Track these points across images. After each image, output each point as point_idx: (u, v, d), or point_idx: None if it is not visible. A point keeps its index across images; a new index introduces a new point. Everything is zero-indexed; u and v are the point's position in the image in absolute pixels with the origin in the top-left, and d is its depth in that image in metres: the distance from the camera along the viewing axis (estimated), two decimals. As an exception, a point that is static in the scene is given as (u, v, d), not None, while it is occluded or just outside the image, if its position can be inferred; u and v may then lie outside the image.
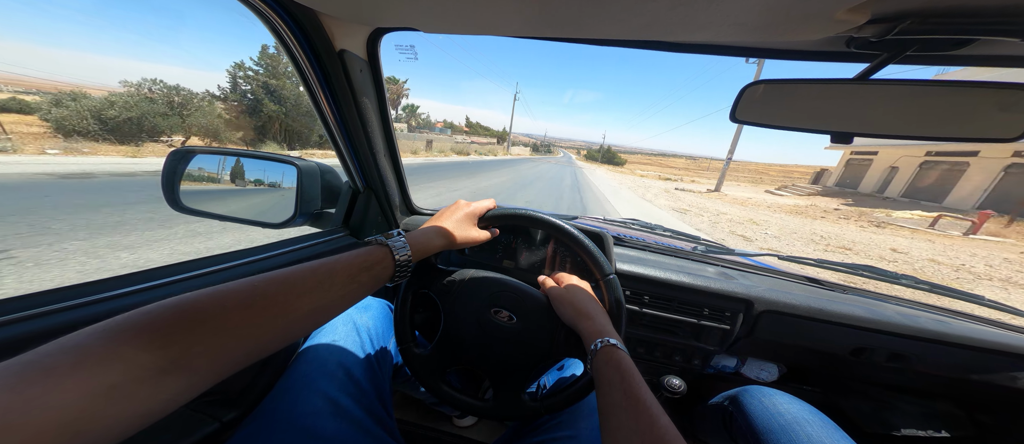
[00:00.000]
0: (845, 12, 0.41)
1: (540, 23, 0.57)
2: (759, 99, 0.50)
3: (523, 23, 0.58)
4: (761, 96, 0.50)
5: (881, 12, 0.41)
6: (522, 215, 0.77)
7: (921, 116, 0.44)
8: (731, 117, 0.53)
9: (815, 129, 0.49)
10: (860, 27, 0.42)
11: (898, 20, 0.41)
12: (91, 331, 0.28)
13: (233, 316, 0.35)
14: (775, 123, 0.51)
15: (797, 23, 0.44)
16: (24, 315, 0.45)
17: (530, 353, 0.71)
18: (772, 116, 0.51)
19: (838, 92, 0.47)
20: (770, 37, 0.46)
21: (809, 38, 0.45)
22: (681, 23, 0.46)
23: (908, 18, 0.41)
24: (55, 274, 2.76)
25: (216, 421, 0.74)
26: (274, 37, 0.66)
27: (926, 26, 0.41)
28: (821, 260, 1.11)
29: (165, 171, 0.78)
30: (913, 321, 0.93)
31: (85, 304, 0.50)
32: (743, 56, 0.55)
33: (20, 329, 0.44)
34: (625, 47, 0.60)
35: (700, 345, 1.03)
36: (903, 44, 0.42)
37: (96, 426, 0.25)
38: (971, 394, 1.09)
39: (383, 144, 0.97)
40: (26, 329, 0.44)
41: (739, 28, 0.46)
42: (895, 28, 0.40)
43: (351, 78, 0.78)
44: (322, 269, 0.45)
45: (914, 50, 0.43)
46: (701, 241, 1.35)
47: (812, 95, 0.48)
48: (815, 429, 0.71)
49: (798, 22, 0.44)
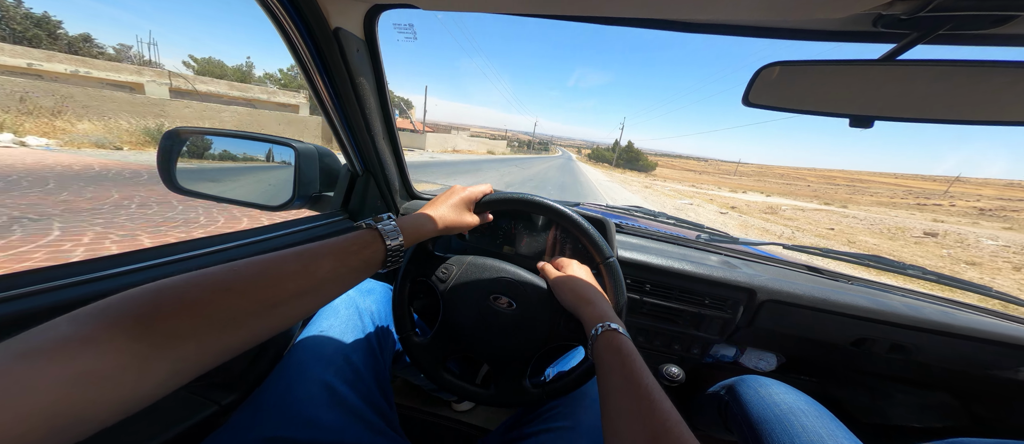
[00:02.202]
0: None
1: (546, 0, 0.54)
2: (775, 81, 0.47)
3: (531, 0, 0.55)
4: (777, 78, 0.47)
5: None
6: (519, 199, 0.75)
7: (952, 99, 0.41)
8: (744, 100, 0.51)
9: (834, 113, 0.46)
10: (891, 3, 0.39)
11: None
12: (74, 316, 0.28)
13: (215, 300, 0.34)
14: (792, 106, 0.48)
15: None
16: (5, 296, 0.43)
17: (531, 340, 0.70)
18: (789, 99, 0.48)
19: (861, 74, 0.44)
20: (790, 15, 0.43)
21: (833, 16, 0.42)
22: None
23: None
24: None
25: (215, 404, 0.74)
26: (267, 14, 0.64)
27: (965, 1, 0.37)
28: (826, 250, 1.10)
29: (160, 151, 0.77)
30: (918, 312, 0.92)
31: (73, 285, 0.49)
32: (759, 37, 0.52)
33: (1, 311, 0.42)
34: (632, 26, 0.57)
35: (700, 334, 1.03)
36: (937, 22, 0.39)
37: (79, 412, 0.25)
38: (970, 385, 1.09)
39: (382, 127, 0.95)
40: (7, 310, 0.43)
41: (757, 5, 0.43)
42: (931, 3, 0.37)
43: (347, 58, 0.75)
44: (307, 253, 0.44)
45: (948, 28, 0.40)
46: (704, 229, 1.33)
47: (832, 77, 0.45)
48: (809, 418, 0.71)
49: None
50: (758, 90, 0.48)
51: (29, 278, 0.47)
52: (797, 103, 0.48)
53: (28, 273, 0.48)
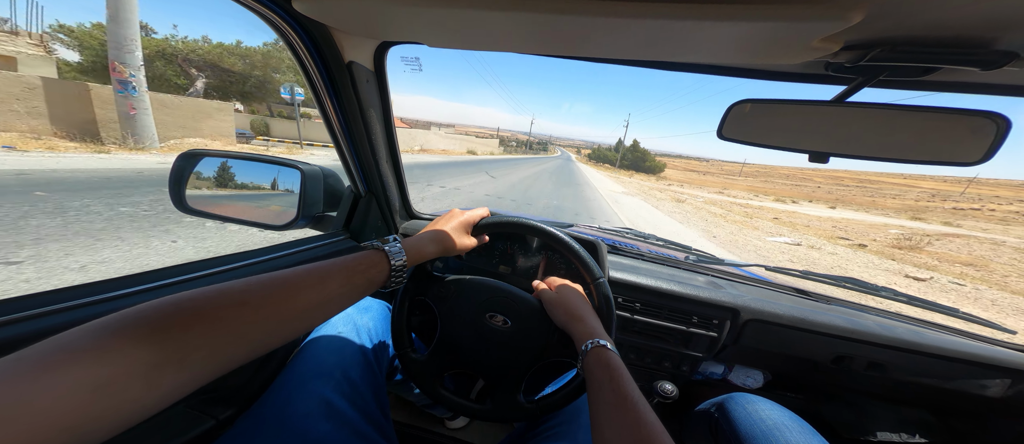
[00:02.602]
0: (820, 40, 0.45)
1: (542, 42, 0.60)
2: (746, 116, 0.54)
3: (525, 41, 0.62)
4: (748, 113, 0.53)
5: (853, 40, 0.45)
6: (514, 222, 0.80)
7: (893, 139, 0.48)
8: (718, 134, 0.57)
9: (795, 148, 0.52)
10: (835, 53, 0.46)
11: (869, 47, 0.45)
12: (86, 328, 0.28)
13: (228, 313, 0.35)
14: (759, 141, 0.54)
15: (780, 47, 0.48)
16: (25, 315, 0.45)
17: (525, 355, 0.73)
18: (756, 134, 0.54)
19: (817, 113, 0.50)
20: (756, 59, 0.50)
21: (792, 62, 0.49)
22: (675, 44, 0.50)
23: (878, 46, 0.45)
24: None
25: (212, 418, 0.74)
26: (288, 49, 0.69)
27: (895, 54, 0.45)
28: (806, 272, 1.16)
29: (173, 172, 0.80)
30: (890, 332, 0.97)
31: (87, 304, 0.51)
32: (732, 76, 0.58)
33: (20, 329, 0.44)
34: (624, 65, 0.64)
35: (689, 352, 1.06)
36: (875, 69, 0.46)
37: (89, 421, 0.25)
38: (945, 401, 1.13)
39: (385, 150, 1.00)
40: (27, 329, 0.45)
41: (727, 50, 0.49)
42: (867, 55, 0.44)
43: (358, 88, 0.81)
44: (318, 271, 0.46)
45: (886, 75, 0.47)
46: (692, 251, 1.39)
47: (793, 115, 0.52)
48: (794, 434, 0.74)
49: (780, 47, 0.48)
50: (731, 124, 0.54)
51: (51, 298, 0.49)
52: (764, 138, 0.54)
53: (50, 293, 0.50)
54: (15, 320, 0.45)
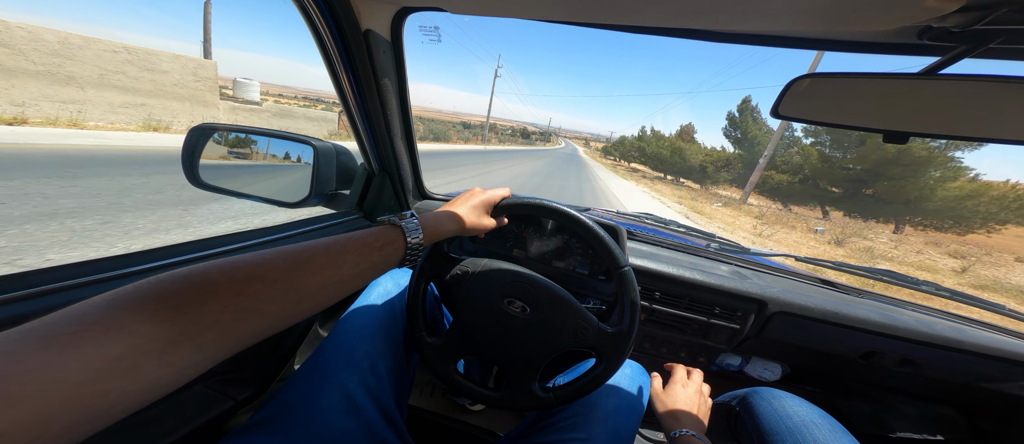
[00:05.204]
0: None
1: (578, 6, 0.54)
2: (805, 93, 0.48)
3: (559, 6, 0.56)
4: (808, 90, 0.47)
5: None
6: (537, 205, 0.76)
7: (996, 116, 0.41)
8: (773, 112, 0.51)
9: (868, 127, 0.46)
10: (945, 16, 0.39)
11: (993, 7, 0.38)
12: (97, 301, 0.27)
13: (243, 289, 0.34)
14: (823, 119, 0.48)
15: (876, 9, 0.41)
16: (34, 291, 0.44)
17: (543, 344, 0.71)
18: (820, 112, 0.49)
19: (898, 88, 0.44)
20: (834, 27, 0.43)
21: (880, 29, 0.42)
22: (735, 9, 0.44)
23: (1005, 6, 0.37)
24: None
25: (231, 400, 0.74)
26: (301, 14, 0.64)
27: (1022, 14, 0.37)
28: (838, 263, 1.11)
29: (185, 146, 0.77)
30: (929, 328, 0.93)
31: (97, 281, 0.49)
32: (800, 47, 0.52)
33: (30, 306, 0.43)
34: (669, 36, 0.58)
35: (708, 343, 1.03)
36: (987, 35, 0.38)
37: (100, 398, 0.23)
38: (977, 400, 1.09)
39: (400, 127, 0.95)
40: (36, 306, 0.43)
41: (802, 16, 0.43)
42: (987, 16, 0.37)
43: (374, 59, 0.76)
44: (334, 246, 0.44)
45: (999, 42, 0.39)
46: (714, 238, 1.33)
47: (866, 91, 0.46)
48: (822, 432, 0.71)
49: (878, 8, 0.41)
50: (789, 102, 0.49)
51: (61, 273, 0.48)
52: (829, 116, 0.48)
53: (61, 268, 0.49)
54: (23, 297, 0.43)
